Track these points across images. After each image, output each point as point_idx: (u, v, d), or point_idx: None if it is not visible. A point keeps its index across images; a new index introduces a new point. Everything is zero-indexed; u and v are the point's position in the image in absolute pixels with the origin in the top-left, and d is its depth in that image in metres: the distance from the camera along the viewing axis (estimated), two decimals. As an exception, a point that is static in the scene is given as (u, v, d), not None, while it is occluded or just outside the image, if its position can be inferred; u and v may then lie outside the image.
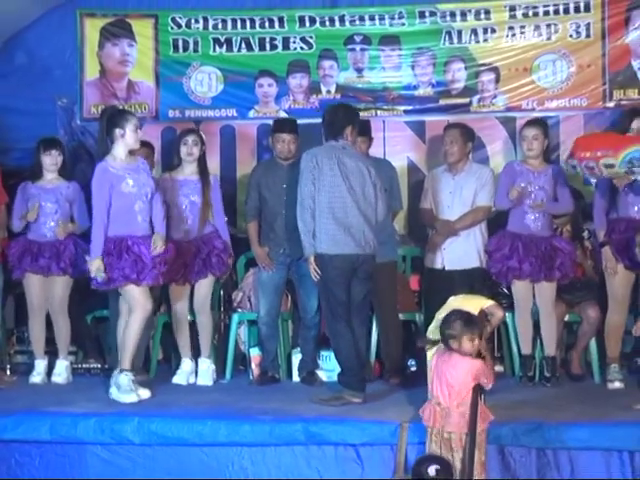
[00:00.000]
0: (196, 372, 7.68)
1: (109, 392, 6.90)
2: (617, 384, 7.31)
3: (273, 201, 7.74)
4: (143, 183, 6.97)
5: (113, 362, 7.38)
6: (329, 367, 7.67)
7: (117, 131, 6.92)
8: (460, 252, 7.80)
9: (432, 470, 5.15)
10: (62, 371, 7.69)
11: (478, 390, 5.56)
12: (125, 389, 6.82)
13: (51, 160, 7.68)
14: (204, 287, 7.68)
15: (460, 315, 5.71)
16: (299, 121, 8.28)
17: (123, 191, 6.88)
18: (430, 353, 5.85)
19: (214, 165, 8.93)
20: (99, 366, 7.99)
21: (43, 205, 7.64)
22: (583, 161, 6.85)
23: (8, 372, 7.96)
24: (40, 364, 7.68)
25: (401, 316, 7.97)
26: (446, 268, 7.85)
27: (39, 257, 7.57)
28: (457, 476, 5.41)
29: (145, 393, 6.89)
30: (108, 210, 6.84)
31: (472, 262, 7.78)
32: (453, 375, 5.59)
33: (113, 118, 6.98)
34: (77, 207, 7.74)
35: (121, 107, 8.30)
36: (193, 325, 7.80)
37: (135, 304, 6.90)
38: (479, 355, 5.68)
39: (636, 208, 7.26)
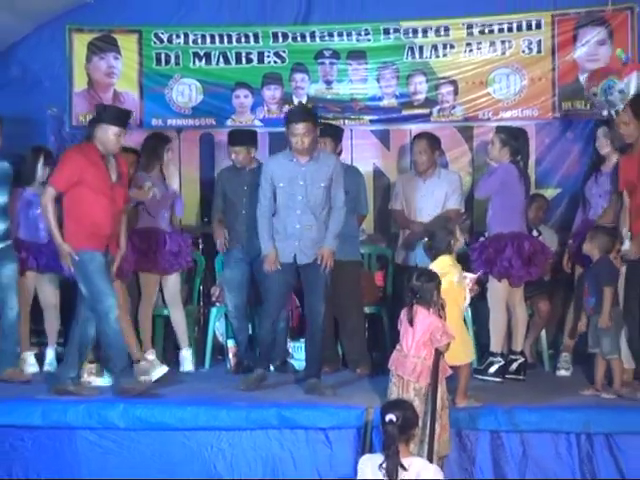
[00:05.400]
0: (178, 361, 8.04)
1: (89, 380, 7.28)
2: (565, 372, 7.66)
3: (235, 202, 8.03)
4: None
5: (107, 354, 7.25)
6: (300, 357, 7.85)
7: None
8: None
9: (392, 417, 5.24)
10: (52, 360, 7.88)
11: (439, 354, 5.82)
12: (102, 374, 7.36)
13: (46, 172, 7.80)
14: (172, 282, 8.03)
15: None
16: (273, 130, 8.81)
17: None
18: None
19: (194, 170, 9.32)
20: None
21: None
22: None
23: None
24: (31, 355, 7.87)
25: (367, 309, 8.24)
26: (419, 265, 7.63)
27: (55, 257, 7.30)
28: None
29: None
30: None
31: None
32: (416, 326, 5.87)
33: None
34: None
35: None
36: (167, 319, 8.13)
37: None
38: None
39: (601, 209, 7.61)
